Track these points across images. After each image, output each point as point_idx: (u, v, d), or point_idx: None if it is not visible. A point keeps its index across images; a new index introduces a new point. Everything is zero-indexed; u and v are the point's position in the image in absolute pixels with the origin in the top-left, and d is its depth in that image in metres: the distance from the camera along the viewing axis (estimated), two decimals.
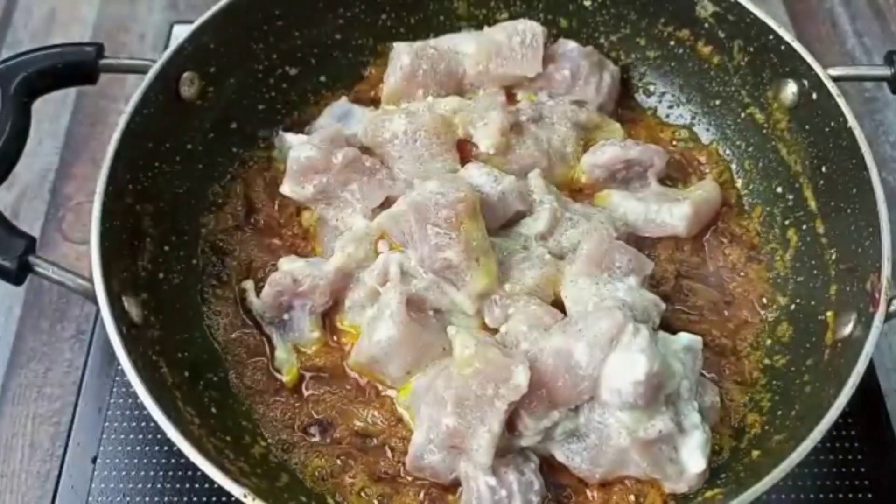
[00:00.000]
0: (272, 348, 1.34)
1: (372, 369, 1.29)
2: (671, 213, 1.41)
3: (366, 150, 1.42)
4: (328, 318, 1.35)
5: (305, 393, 1.32)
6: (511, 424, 1.19)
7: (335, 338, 1.34)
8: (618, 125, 1.52)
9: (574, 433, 1.21)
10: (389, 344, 1.25)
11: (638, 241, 1.40)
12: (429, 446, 1.20)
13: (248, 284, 1.37)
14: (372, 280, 1.30)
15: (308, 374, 1.33)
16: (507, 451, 1.20)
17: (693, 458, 1.19)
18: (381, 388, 1.31)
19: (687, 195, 1.44)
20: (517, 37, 1.46)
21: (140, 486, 1.36)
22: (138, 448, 1.39)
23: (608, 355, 1.16)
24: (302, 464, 1.26)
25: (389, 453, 1.27)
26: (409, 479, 1.24)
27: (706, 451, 1.19)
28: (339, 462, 1.26)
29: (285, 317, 1.34)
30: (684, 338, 1.25)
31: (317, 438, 1.28)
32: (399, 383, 1.28)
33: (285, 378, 1.32)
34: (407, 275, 1.29)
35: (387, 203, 1.35)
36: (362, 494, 1.24)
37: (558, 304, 1.29)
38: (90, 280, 1.19)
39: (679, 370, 1.20)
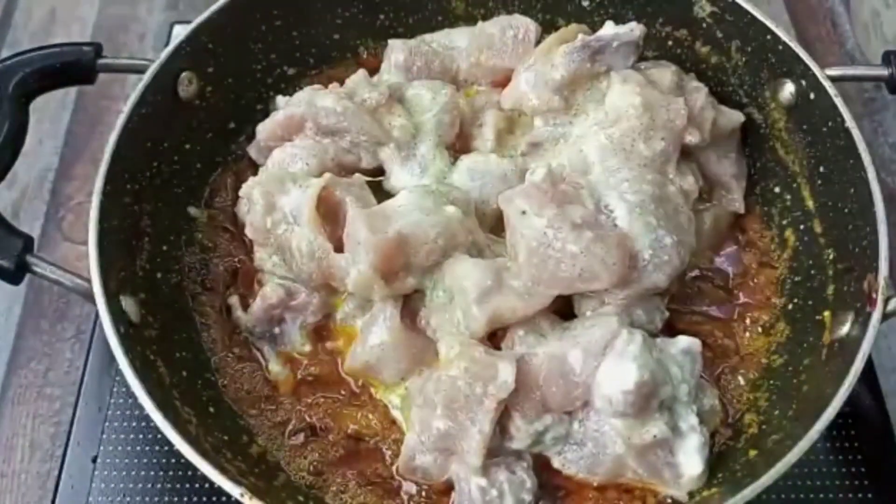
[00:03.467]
0: (265, 360, 1.34)
1: (366, 375, 1.29)
2: None
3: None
4: (322, 324, 1.35)
5: (299, 397, 1.32)
6: (502, 427, 1.19)
7: (329, 345, 1.34)
8: None
9: (567, 440, 1.21)
10: (383, 349, 1.25)
11: None
12: (420, 448, 1.20)
13: (234, 300, 1.37)
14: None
15: (301, 377, 1.33)
16: (498, 452, 1.20)
17: (691, 461, 1.18)
18: (374, 392, 1.31)
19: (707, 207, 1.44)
20: (511, 31, 1.46)
21: (140, 486, 1.36)
22: (138, 448, 1.39)
23: (601, 363, 1.17)
24: (296, 466, 1.26)
25: (383, 456, 1.27)
26: (403, 481, 1.24)
27: (704, 453, 1.19)
28: (332, 465, 1.26)
29: (276, 330, 1.34)
30: (683, 341, 1.24)
31: (310, 441, 1.28)
32: (394, 387, 1.28)
33: (281, 388, 1.32)
34: None
35: (344, 173, 1.35)
36: (356, 497, 1.24)
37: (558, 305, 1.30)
38: (88, 280, 1.19)
39: (677, 374, 1.20)
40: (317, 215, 1.25)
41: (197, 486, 1.35)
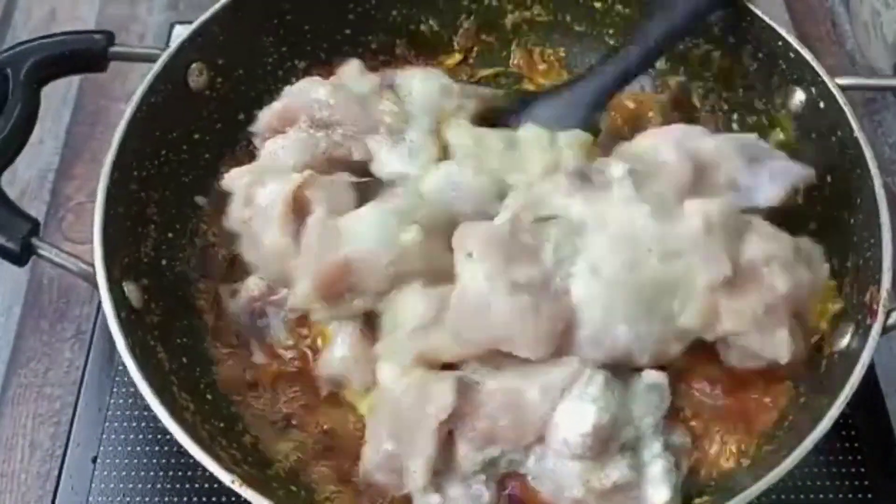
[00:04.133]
0: (250, 352, 1.33)
1: (337, 382, 1.28)
2: None
3: None
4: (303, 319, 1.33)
5: (279, 390, 1.31)
6: (450, 453, 1.14)
7: (308, 341, 1.33)
8: None
9: (525, 466, 1.16)
10: (345, 363, 1.24)
11: None
12: (376, 465, 1.17)
13: (224, 290, 1.36)
14: None
15: (282, 370, 1.32)
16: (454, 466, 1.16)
17: (658, 491, 1.13)
18: (346, 396, 1.29)
19: None
20: None
21: (140, 486, 1.34)
22: (138, 448, 1.37)
23: (558, 404, 1.12)
24: (281, 457, 1.25)
25: (357, 456, 1.22)
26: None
27: (671, 478, 1.15)
28: (312, 459, 1.25)
29: (259, 323, 1.33)
30: (649, 375, 1.18)
31: (290, 434, 1.27)
32: (364, 394, 1.26)
33: (264, 379, 1.31)
34: None
35: (335, 168, 1.33)
36: (337, 492, 1.23)
37: None
38: (92, 265, 1.20)
39: (640, 411, 1.15)
40: (287, 214, 1.22)
41: (197, 486, 1.33)
